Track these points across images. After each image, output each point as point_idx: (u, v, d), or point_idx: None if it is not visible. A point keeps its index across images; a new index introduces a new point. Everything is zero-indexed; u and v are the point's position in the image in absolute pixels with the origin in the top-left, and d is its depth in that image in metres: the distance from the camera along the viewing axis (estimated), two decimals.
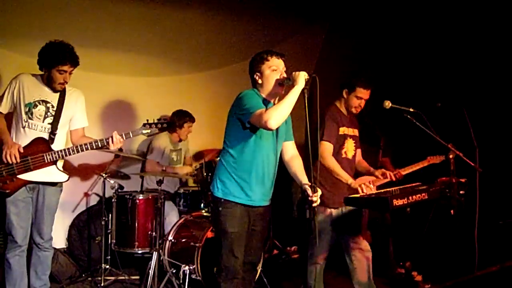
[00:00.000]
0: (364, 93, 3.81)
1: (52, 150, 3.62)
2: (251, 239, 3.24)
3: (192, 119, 5.29)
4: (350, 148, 3.91)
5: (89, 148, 3.66)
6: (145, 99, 5.48)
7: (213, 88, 5.94)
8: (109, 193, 4.78)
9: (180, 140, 5.38)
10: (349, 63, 5.83)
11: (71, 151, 3.63)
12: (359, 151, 4.08)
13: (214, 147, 3.36)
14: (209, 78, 6.04)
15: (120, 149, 5.06)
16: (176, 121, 5.25)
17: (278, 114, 2.87)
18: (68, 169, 3.86)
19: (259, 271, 4.36)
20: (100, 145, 3.67)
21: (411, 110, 3.80)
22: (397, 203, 3.13)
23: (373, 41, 5.88)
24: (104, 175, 4.68)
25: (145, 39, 5.29)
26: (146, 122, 3.81)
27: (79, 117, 3.84)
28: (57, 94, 3.69)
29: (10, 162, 3.49)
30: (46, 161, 3.59)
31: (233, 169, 3.12)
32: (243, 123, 3.06)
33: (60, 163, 3.70)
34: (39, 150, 3.58)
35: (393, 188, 3.53)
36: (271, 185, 3.25)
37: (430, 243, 4.54)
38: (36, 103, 3.61)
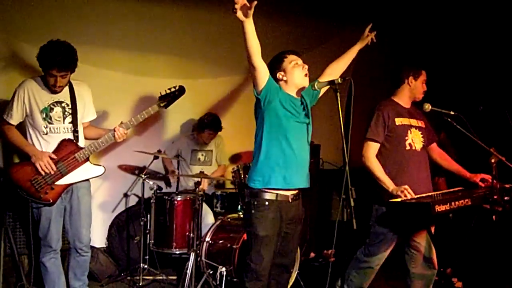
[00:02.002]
0: (425, 75, 3.76)
1: (82, 147, 3.63)
2: (284, 242, 3.24)
3: (214, 129, 5.28)
4: (416, 140, 3.69)
5: (108, 141, 3.69)
6: (182, 102, 5.53)
7: (251, 91, 5.94)
8: (148, 194, 4.85)
9: (205, 142, 5.40)
10: (387, 65, 5.76)
11: (101, 143, 3.65)
12: (434, 145, 3.89)
13: (251, 149, 3.38)
14: (246, 81, 6.05)
15: (159, 151, 5.18)
16: (201, 123, 5.29)
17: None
18: (108, 170, 3.90)
19: (295, 274, 4.35)
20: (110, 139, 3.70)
21: (452, 113, 3.72)
22: (440, 209, 3.05)
23: (412, 43, 5.80)
24: (143, 176, 4.75)
25: (184, 42, 5.34)
26: (160, 95, 3.87)
27: (88, 110, 3.82)
28: (67, 92, 3.64)
29: (48, 172, 3.48)
30: (79, 160, 3.59)
31: (266, 160, 3.12)
32: (258, 101, 3.12)
33: (92, 158, 3.71)
34: (69, 152, 3.58)
35: (434, 193, 3.47)
36: (307, 168, 3.24)
37: (472, 249, 4.44)
38: (51, 106, 3.58)
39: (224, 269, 4.12)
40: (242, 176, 4.49)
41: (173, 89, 4.00)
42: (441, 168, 3.98)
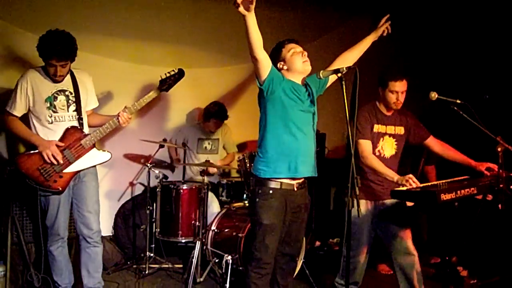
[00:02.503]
0: (398, 86, 3.67)
1: (87, 134, 3.64)
2: (289, 231, 3.25)
3: (220, 118, 5.29)
4: (387, 147, 3.77)
5: (113, 126, 3.69)
6: (187, 90, 5.54)
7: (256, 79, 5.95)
8: (153, 182, 4.87)
9: (212, 131, 5.41)
10: (393, 55, 5.74)
11: (106, 129, 3.65)
12: (431, 139, 3.88)
13: (256, 138, 3.40)
14: (251, 69, 6.02)
15: (164, 140, 5.19)
16: (207, 113, 5.30)
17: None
18: (114, 158, 3.90)
19: (300, 262, 4.37)
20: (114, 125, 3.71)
21: (458, 101, 3.69)
22: (445, 197, 3.05)
23: (417, 32, 5.77)
24: (148, 165, 4.76)
25: (189, 31, 5.31)
26: (160, 79, 3.90)
27: (90, 98, 3.83)
28: (70, 80, 3.65)
29: (55, 162, 3.49)
30: (85, 147, 3.60)
31: (271, 149, 3.13)
32: (262, 91, 3.13)
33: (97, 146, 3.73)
34: (75, 139, 3.59)
35: (440, 182, 3.46)
36: (313, 157, 3.24)
37: (477, 238, 4.44)
38: (55, 94, 3.58)
39: (229, 257, 4.13)
40: (248, 165, 4.50)
41: (172, 72, 4.01)
42: (438, 158, 3.98)
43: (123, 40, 5.08)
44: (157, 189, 4.76)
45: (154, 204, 4.78)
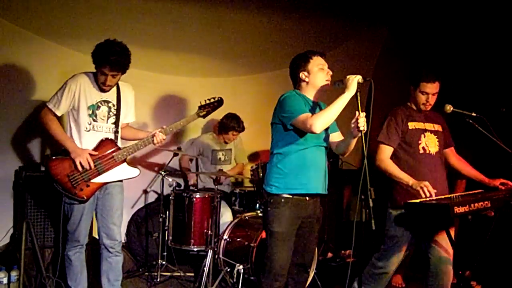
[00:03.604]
0: (429, 88, 3.58)
1: (121, 148, 3.64)
2: (302, 240, 3.24)
3: (238, 129, 5.30)
4: (431, 143, 3.64)
5: (146, 143, 3.71)
6: (202, 99, 5.59)
7: (268, 89, 5.94)
8: (167, 190, 4.90)
9: (226, 142, 5.43)
10: (409, 67, 5.72)
11: (139, 146, 3.66)
12: (451, 150, 3.82)
13: (268, 148, 3.42)
14: (265, 79, 6.06)
15: (179, 148, 5.22)
16: (224, 125, 5.31)
17: (324, 120, 2.92)
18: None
19: (312, 273, 4.35)
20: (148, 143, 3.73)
21: (474, 114, 3.67)
22: (459, 210, 3.02)
23: (434, 44, 5.75)
24: (162, 173, 4.79)
25: (205, 41, 5.37)
26: (200, 104, 3.94)
27: (129, 112, 3.84)
28: (115, 92, 3.67)
29: (86, 169, 3.48)
30: (117, 160, 3.60)
31: (284, 166, 3.13)
32: (284, 125, 3.10)
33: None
34: (108, 151, 3.58)
35: (454, 195, 3.43)
36: (324, 176, 3.23)
37: (491, 252, 4.39)
38: (99, 104, 3.59)
39: (241, 266, 4.14)
40: (261, 174, 4.51)
41: (212, 100, 4.06)
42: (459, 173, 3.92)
43: (140, 49, 5.11)
44: (170, 197, 4.78)
45: (167, 212, 4.80)
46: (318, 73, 3.16)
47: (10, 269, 3.97)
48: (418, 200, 3.27)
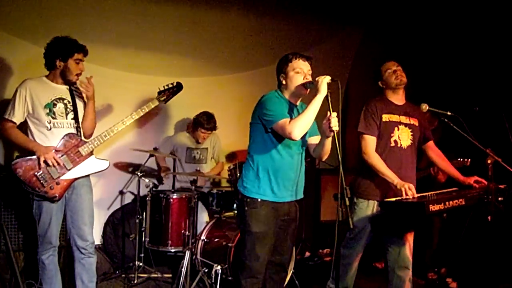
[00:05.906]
0: (391, 65, 3.71)
1: (86, 141, 3.62)
2: (280, 239, 3.24)
3: (206, 127, 5.23)
4: (404, 137, 3.67)
5: (111, 134, 3.68)
6: (178, 100, 5.55)
7: (247, 89, 5.94)
8: (143, 191, 4.85)
9: (198, 142, 5.38)
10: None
11: (103, 137, 3.63)
12: (431, 143, 3.86)
13: (246, 148, 3.41)
14: (242, 79, 6.05)
15: (155, 148, 5.18)
16: (195, 121, 5.28)
17: (301, 125, 2.92)
18: None
19: (290, 273, 4.36)
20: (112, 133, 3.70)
21: (449, 113, 3.71)
22: (434, 208, 3.06)
23: (409, 44, 5.81)
24: (139, 173, 4.74)
25: (182, 41, 5.35)
26: (159, 90, 3.92)
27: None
28: (67, 90, 3.65)
29: (53, 167, 3.46)
30: (83, 154, 3.58)
31: (258, 169, 3.14)
32: (265, 127, 3.10)
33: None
34: (72, 146, 3.56)
35: (429, 193, 3.47)
36: (300, 181, 3.24)
37: (466, 249, 4.45)
38: (54, 101, 3.57)
39: (219, 267, 4.12)
40: (238, 174, 4.49)
41: (171, 85, 4.04)
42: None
43: (117, 49, 5.09)
44: (147, 198, 4.73)
45: (144, 213, 4.76)
46: (293, 77, 3.14)
47: None
48: (394, 199, 3.30)
